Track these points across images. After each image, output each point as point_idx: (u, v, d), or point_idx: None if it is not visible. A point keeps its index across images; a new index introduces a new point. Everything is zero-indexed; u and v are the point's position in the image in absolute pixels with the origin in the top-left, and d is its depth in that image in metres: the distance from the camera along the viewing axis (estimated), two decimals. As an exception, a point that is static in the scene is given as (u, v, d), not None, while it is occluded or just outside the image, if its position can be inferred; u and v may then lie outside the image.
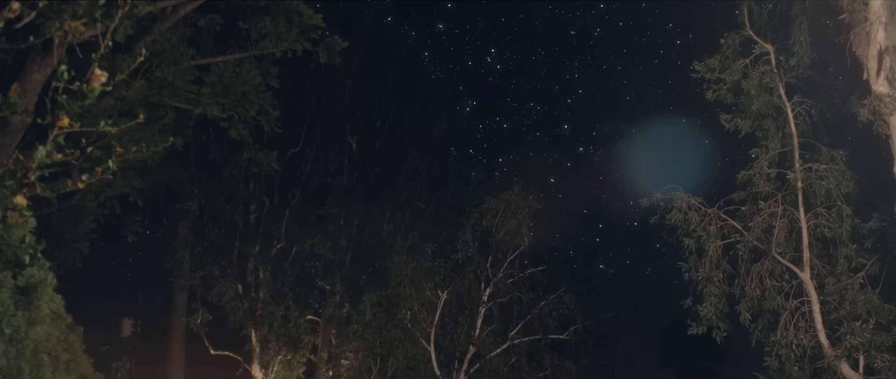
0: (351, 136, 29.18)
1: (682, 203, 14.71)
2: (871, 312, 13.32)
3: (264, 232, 28.24)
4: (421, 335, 19.16)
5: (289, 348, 27.63)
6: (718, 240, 14.50)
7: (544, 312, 19.34)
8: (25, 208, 8.82)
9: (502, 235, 19.46)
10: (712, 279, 14.45)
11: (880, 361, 13.08)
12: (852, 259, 13.74)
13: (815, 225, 13.97)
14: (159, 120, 15.78)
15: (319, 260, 28.14)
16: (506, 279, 19.39)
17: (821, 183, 13.90)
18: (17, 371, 10.31)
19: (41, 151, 6.78)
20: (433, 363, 19.02)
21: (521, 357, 19.27)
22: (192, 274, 28.58)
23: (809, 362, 13.68)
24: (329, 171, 28.91)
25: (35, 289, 10.83)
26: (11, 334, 10.07)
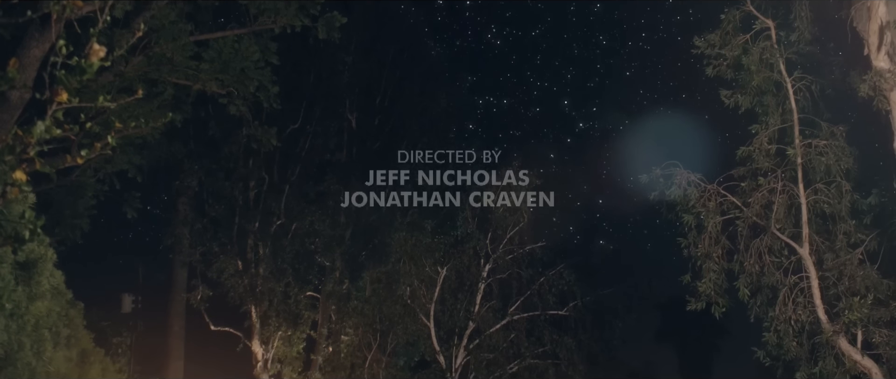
0: (350, 112, 29.14)
1: (682, 179, 14.70)
2: (869, 287, 13.34)
3: (264, 208, 28.26)
4: (420, 311, 19.22)
5: (289, 324, 27.71)
6: (718, 216, 14.50)
7: (544, 288, 19.38)
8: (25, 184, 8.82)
9: (502, 212, 19.45)
10: (711, 255, 14.46)
11: (878, 336, 13.12)
12: (851, 235, 13.75)
13: (814, 201, 13.97)
14: (158, 96, 15.75)
15: (319, 236, 28.17)
16: (505, 255, 19.40)
17: (820, 159, 13.89)
18: (18, 346, 10.36)
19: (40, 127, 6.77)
20: (433, 339, 19.08)
21: (520, 333, 19.33)
22: (191, 250, 28.62)
23: (808, 338, 13.72)
24: (328, 148, 28.89)
25: (35, 264, 10.86)
26: (12, 309, 10.10)
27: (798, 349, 13.69)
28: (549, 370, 19.05)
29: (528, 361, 19.12)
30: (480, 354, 19.00)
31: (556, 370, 19.06)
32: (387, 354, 19.45)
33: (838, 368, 13.20)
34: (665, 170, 14.79)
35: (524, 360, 19.12)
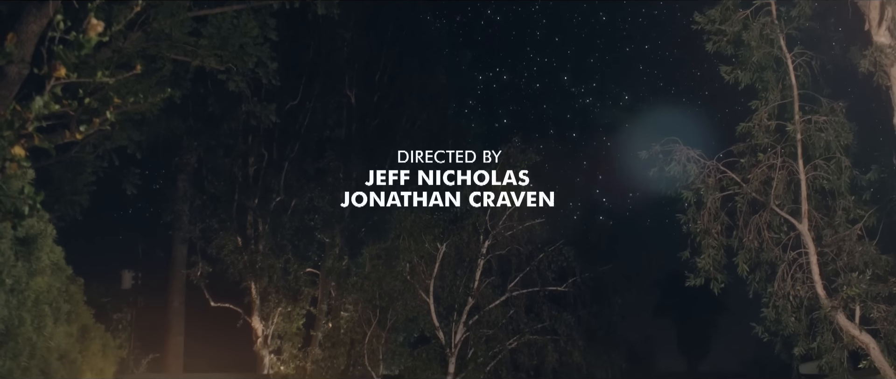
0: (349, 88, 29.10)
1: (681, 156, 14.68)
2: (868, 263, 13.36)
3: (263, 185, 28.29)
4: (420, 287, 19.23)
5: (288, 300, 27.80)
6: (717, 192, 14.49)
7: (543, 264, 19.38)
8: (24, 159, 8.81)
9: (503, 190, 19.44)
10: (710, 231, 14.47)
11: (876, 311, 13.15)
12: (850, 211, 13.75)
13: (813, 177, 13.96)
14: (157, 72, 15.71)
15: (318, 213, 28.22)
16: (505, 232, 19.39)
17: (820, 135, 13.87)
18: (19, 321, 10.39)
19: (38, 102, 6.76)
20: (432, 315, 19.11)
21: (519, 309, 19.36)
22: (191, 227, 28.67)
23: (806, 313, 13.75)
24: (328, 124, 28.88)
25: (35, 240, 10.87)
26: (12, 285, 10.12)
27: (796, 325, 13.72)
28: (548, 346, 19.09)
29: (527, 336, 19.18)
30: (480, 330, 19.04)
31: (555, 346, 19.10)
32: (386, 330, 19.49)
33: (836, 343, 13.25)
34: (664, 146, 14.78)
35: (523, 336, 19.17)
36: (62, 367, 13.06)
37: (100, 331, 16.94)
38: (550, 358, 19.03)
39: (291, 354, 26.34)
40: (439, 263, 19.29)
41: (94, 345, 16.27)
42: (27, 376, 10.75)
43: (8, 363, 10.22)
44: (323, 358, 19.51)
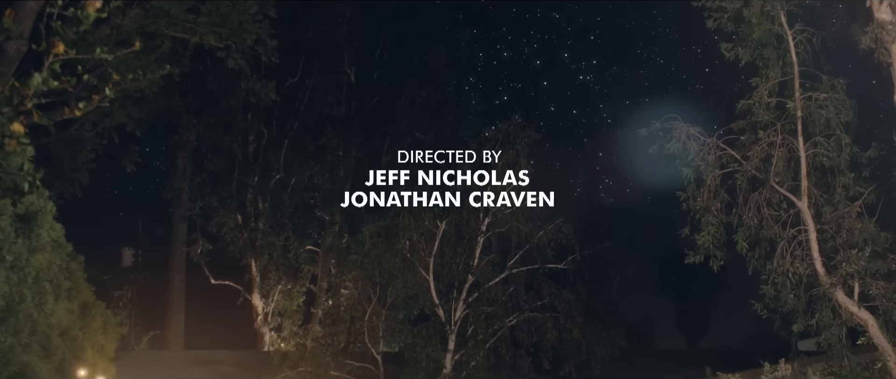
0: (349, 66, 29.05)
1: (681, 133, 14.63)
2: (867, 240, 13.35)
3: (263, 163, 28.33)
4: (420, 265, 19.27)
5: (289, 278, 27.89)
6: (717, 169, 14.46)
7: (542, 241, 19.39)
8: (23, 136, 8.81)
9: (501, 166, 19.43)
10: (710, 208, 14.45)
11: (875, 288, 13.16)
12: (850, 188, 13.72)
13: (813, 154, 13.94)
14: (156, 49, 15.67)
15: (318, 190, 28.25)
16: (504, 209, 19.40)
17: (820, 112, 13.83)
18: (20, 298, 10.42)
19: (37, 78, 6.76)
20: (432, 292, 19.16)
21: (519, 286, 19.39)
22: (191, 204, 28.72)
23: (805, 290, 13.75)
24: (327, 102, 28.87)
25: (35, 217, 10.88)
26: (13, 261, 10.14)
27: (795, 302, 13.73)
28: (548, 323, 19.14)
29: (526, 314, 19.23)
30: (479, 308, 19.09)
31: (555, 323, 19.15)
32: (386, 308, 19.55)
33: (835, 320, 13.26)
34: (664, 123, 14.74)
35: (523, 313, 19.22)
36: (63, 343, 13.11)
37: (100, 308, 17.01)
38: (550, 335, 19.09)
39: (291, 332, 26.45)
40: (439, 240, 19.31)
41: (95, 322, 16.34)
42: (28, 353, 10.79)
43: (9, 339, 10.26)
44: (323, 335, 19.56)
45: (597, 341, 19.58)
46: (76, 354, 14.28)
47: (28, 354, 10.85)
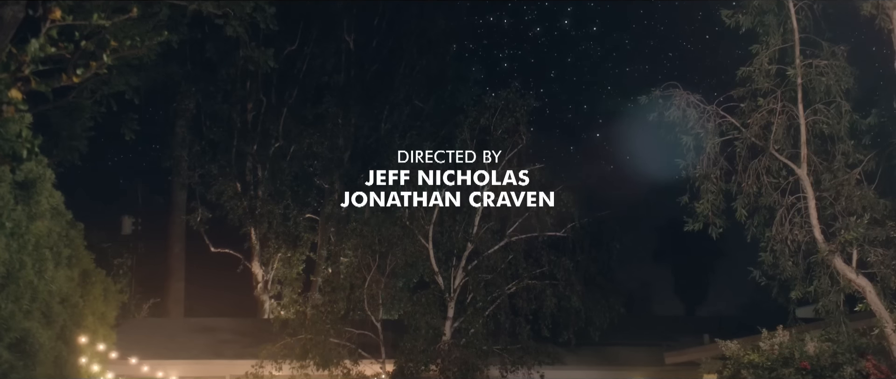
0: (348, 33, 28.91)
1: (681, 100, 14.60)
2: (866, 207, 13.36)
3: (262, 131, 28.30)
4: (419, 233, 19.29)
5: (288, 246, 27.96)
6: (716, 137, 14.44)
7: (542, 209, 19.40)
8: (21, 103, 8.80)
9: (500, 134, 19.40)
10: (709, 176, 14.45)
11: (873, 255, 13.18)
12: (849, 155, 13.72)
13: (813, 121, 13.92)
14: (154, 16, 15.57)
15: (317, 158, 28.24)
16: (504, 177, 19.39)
17: (821, 79, 13.79)
18: (20, 265, 10.43)
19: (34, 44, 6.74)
20: (431, 260, 19.19)
21: (518, 254, 19.41)
22: (190, 172, 28.73)
23: (803, 257, 13.78)
24: (326, 70, 28.77)
25: (34, 184, 10.87)
26: (12, 229, 10.15)
27: (793, 269, 13.77)
28: (547, 291, 19.19)
29: (525, 281, 19.27)
30: (479, 275, 19.13)
31: (554, 291, 19.20)
32: (386, 275, 19.58)
33: (833, 287, 13.30)
34: (664, 91, 14.70)
35: (522, 281, 19.27)
36: (64, 310, 13.15)
37: (101, 276, 17.04)
38: (549, 303, 19.15)
39: (291, 299, 26.55)
40: (439, 208, 19.32)
41: (95, 289, 16.38)
42: (29, 319, 10.83)
43: (10, 306, 10.29)
44: (323, 303, 19.62)
45: (595, 309, 19.65)
46: (77, 321, 14.33)
47: (29, 320, 10.89)
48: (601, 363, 22.17)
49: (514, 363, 18.96)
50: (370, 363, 19.08)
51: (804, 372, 13.59)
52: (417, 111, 28.93)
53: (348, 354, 18.82)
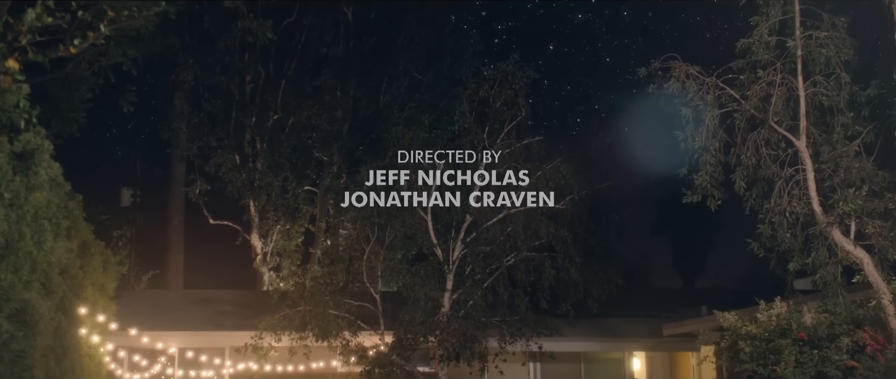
0: (346, 5, 28.79)
1: (681, 72, 14.59)
2: (864, 179, 13.40)
3: (260, 103, 28.25)
4: (418, 205, 19.28)
5: (287, 218, 27.99)
6: (716, 109, 14.45)
7: (541, 181, 19.37)
8: (18, 73, 8.78)
9: (499, 106, 19.33)
10: (708, 148, 14.47)
11: (871, 226, 13.23)
12: (849, 127, 13.73)
13: (813, 93, 13.92)
14: (151, -13, 15.48)
15: (316, 131, 28.20)
16: (503, 149, 19.34)
17: (821, 51, 13.78)
18: (19, 236, 10.41)
19: (31, 14, 6.71)
20: (430, 232, 19.19)
21: (517, 226, 19.40)
22: (189, 145, 28.69)
23: (801, 229, 13.83)
24: (325, 42, 28.67)
25: (32, 155, 10.82)
26: (11, 200, 10.12)
27: (791, 241, 13.82)
28: (546, 263, 19.19)
29: (524, 253, 19.27)
30: (477, 247, 19.13)
31: (553, 263, 19.20)
32: (385, 247, 19.58)
33: (831, 259, 13.36)
34: (664, 63, 14.68)
35: (521, 253, 19.26)
36: (64, 281, 13.15)
37: (100, 247, 17.03)
38: (548, 275, 19.16)
39: (290, 271, 26.61)
40: (438, 180, 19.30)
41: (94, 261, 16.37)
42: (29, 290, 10.82)
43: (9, 277, 10.28)
44: (322, 275, 19.63)
45: (594, 281, 19.67)
46: (76, 293, 14.33)
47: (28, 291, 10.88)
48: (599, 335, 22.27)
49: (512, 335, 19.00)
50: (369, 335, 19.13)
51: (801, 343, 13.66)
52: (416, 83, 28.88)
53: (347, 325, 18.85)
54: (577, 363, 22.66)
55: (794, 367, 13.52)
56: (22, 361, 11.06)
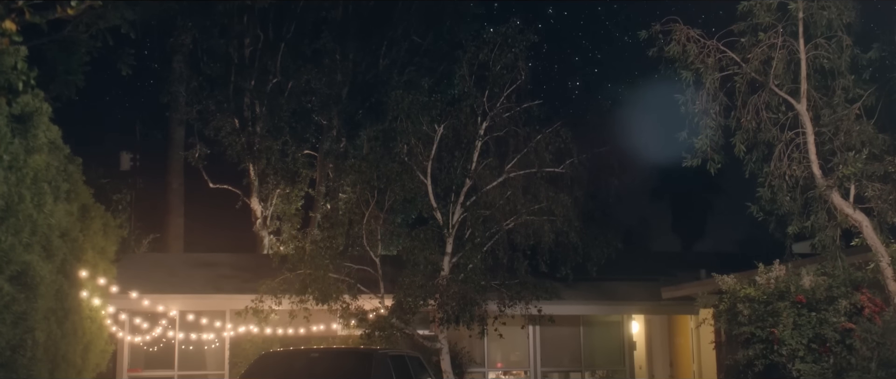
0: (345, -33, 28.57)
1: (681, 35, 14.50)
2: (864, 142, 13.36)
3: (260, 66, 28.12)
4: (418, 169, 19.26)
5: (287, 182, 27.98)
6: (716, 72, 14.37)
7: (540, 145, 19.34)
8: (15, 34, 8.74)
9: (499, 69, 19.25)
10: (709, 112, 14.43)
11: (871, 189, 13.23)
12: (850, 90, 13.67)
13: (814, 56, 13.85)
14: (149, -52, 15.40)
15: (315, 95, 28.11)
16: (502, 113, 19.30)
17: (822, 13, 13.68)
18: (19, 198, 10.43)
19: (28, -26, 6.64)
20: (430, 196, 19.20)
21: (516, 190, 19.39)
22: (188, 108, 28.62)
23: (801, 193, 13.82)
24: (324, 5, 28.47)
25: (30, 117, 10.82)
26: (10, 162, 10.13)
27: (791, 204, 13.82)
28: (545, 226, 19.21)
29: (524, 217, 19.28)
30: (477, 211, 19.14)
31: (552, 226, 19.22)
32: (384, 211, 19.61)
33: (830, 222, 13.37)
34: (664, 26, 14.59)
35: (520, 216, 19.27)
36: (64, 244, 13.20)
37: (100, 210, 17.07)
38: (547, 238, 19.20)
39: (290, 235, 26.65)
40: (437, 144, 19.29)
41: (94, 224, 16.42)
42: (29, 252, 10.87)
43: (10, 239, 10.32)
44: (322, 238, 19.67)
45: (593, 244, 19.73)
46: (77, 256, 14.39)
47: (29, 253, 10.93)
48: (598, 298, 22.38)
49: (511, 298, 19.10)
50: (369, 298, 19.22)
51: (799, 306, 13.73)
52: (416, 47, 28.74)
53: (347, 288, 18.93)
54: (576, 326, 22.79)
55: (792, 329, 13.59)
56: (24, 322, 11.14)
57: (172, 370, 20.81)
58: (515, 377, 22.67)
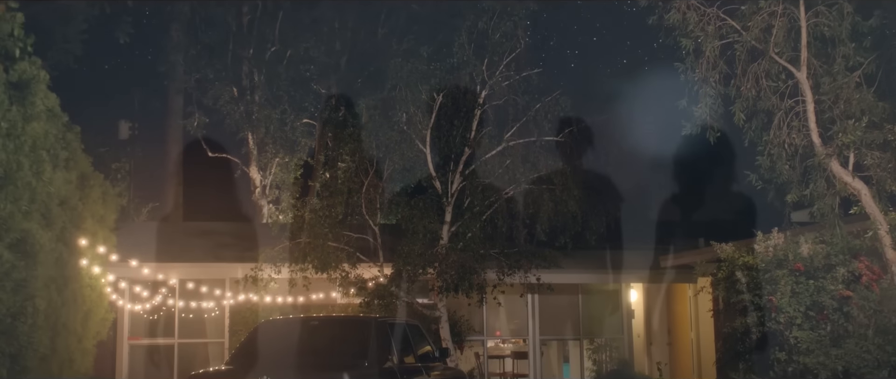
0: (343, -65, 28.40)
1: (681, 3, 14.45)
2: (864, 110, 13.34)
3: (258, 35, 28.01)
4: (416, 138, 19.24)
5: (286, 151, 27.96)
6: (716, 40, 14.34)
7: (539, 114, 19.32)
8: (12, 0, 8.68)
9: (498, 38, 19.18)
10: (708, 80, 14.41)
11: (870, 158, 13.24)
12: (850, 58, 13.62)
13: (814, 24, 13.79)
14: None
15: (314, 63, 28.03)
16: (502, 82, 19.26)
17: (823, -20, 13.65)
18: (17, 166, 10.43)
19: (24, -61, 6.59)
20: (429, 165, 19.19)
21: (515, 159, 19.39)
22: (186, 77, 28.54)
23: (800, 161, 13.83)
24: (322, -28, 28.34)
25: (28, 85, 10.79)
26: (8, 129, 10.12)
27: (790, 172, 13.83)
28: (544, 195, 19.23)
29: (523, 186, 19.30)
30: (476, 180, 19.15)
31: (551, 195, 19.24)
32: (383, 180, 19.61)
33: (828, 190, 13.39)
34: (664, -8, 14.54)
35: (519, 185, 19.30)
36: (63, 212, 13.21)
37: (99, 179, 17.06)
38: (546, 207, 19.22)
39: (289, 204, 26.67)
40: (436, 113, 19.25)
41: (93, 192, 16.42)
42: (29, 220, 10.88)
43: (9, 207, 10.32)
44: (320, 207, 19.67)
45: (592, 213, 19.76)
46: (76, 224, 14.40)
47: (28, 221, 10.94)
48: (597, 266, 22.41)
49: (510, 267, 19.11)
50: (368, 267, 19.25)
51: (797, 273, 13.79)
52: (414, 15, 28.60)
53: (346, 257, 18.95)
54: (574, 295, 22.84)
55: (790, 297, 13.66)
56: (23, 290, 11.17)
57: (173, 338, 20.88)
58: (514, 345, 22.76)
